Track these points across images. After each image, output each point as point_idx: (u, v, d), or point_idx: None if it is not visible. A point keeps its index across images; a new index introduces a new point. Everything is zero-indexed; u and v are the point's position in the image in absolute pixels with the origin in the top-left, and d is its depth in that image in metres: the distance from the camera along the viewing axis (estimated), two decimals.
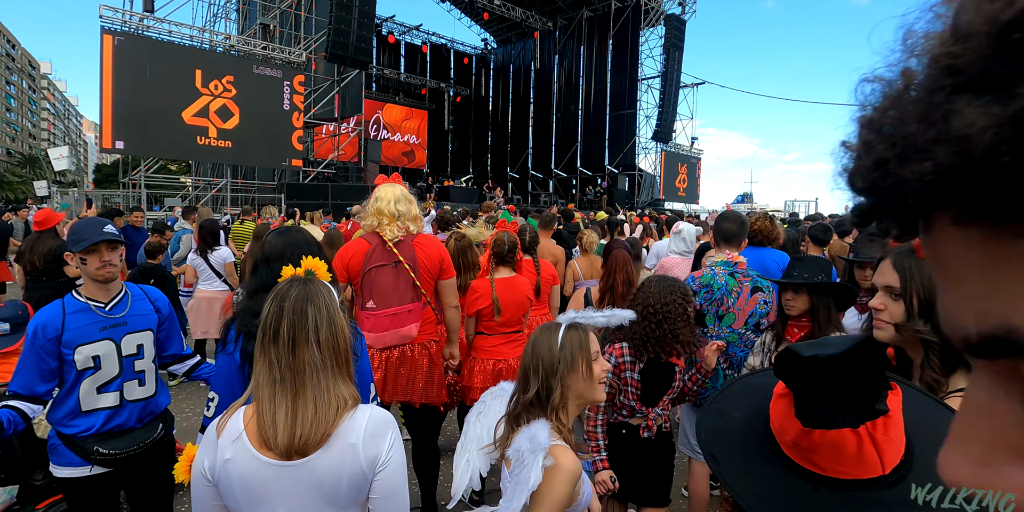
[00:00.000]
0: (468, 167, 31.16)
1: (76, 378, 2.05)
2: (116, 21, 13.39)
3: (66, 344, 2.01)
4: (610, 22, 24.23)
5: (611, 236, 5.44)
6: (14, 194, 45.88)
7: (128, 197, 15.86)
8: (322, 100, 17.33)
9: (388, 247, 2.71)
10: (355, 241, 2.82)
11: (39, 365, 1.99)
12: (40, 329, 2.01)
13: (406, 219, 2.76)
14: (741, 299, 2.73)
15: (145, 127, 13.49)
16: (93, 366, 2.06)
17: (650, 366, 2.30)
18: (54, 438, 2.08)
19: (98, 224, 2.08)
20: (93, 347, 2.06)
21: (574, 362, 1.49)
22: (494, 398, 1.69)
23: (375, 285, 2.67)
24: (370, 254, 2.71)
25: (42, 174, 48.71)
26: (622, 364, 2.28)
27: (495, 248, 3.14)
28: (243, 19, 20.13)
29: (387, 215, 2.73)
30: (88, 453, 2.06)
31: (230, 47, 15.68)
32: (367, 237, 2.78)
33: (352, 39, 15.34)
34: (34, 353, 1.99)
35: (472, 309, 3.09)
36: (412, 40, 28.17)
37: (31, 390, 2.00)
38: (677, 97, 24.46)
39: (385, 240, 2.71)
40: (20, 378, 2.00)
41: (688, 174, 26.86)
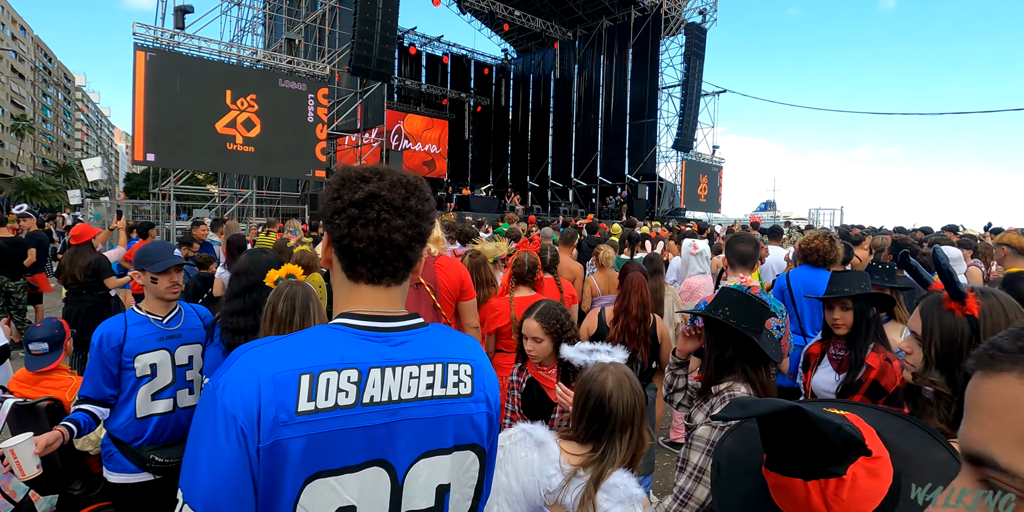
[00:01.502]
0: (488, 176, 31.36)
1: (135, 385, 2.25)
2: (148, 38, 13.85)
3: (127, 353, 2.22)
4: (630, 31, 24.29)
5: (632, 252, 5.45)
6: (48, 202, 47.37)
7: (158, 207, 16.31)
8: (345, 112, 17.65)
9: None
10: None
11: (104, 372, 2.21)
12: (104, 339, 2.21)
13: (428, 240, 2.83)
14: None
15: (175, 139, 13.88)
16: (150, 373, 2.27)
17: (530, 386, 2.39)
18: (110, 446, 2.28)
19: (169, 248, 2.34)
20: (151, 356, 2.27)
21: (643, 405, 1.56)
22: (514, 443, 1.55)
23: None
24: None
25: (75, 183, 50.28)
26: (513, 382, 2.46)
27: (515, 268, 3.19)
28: (269, 33, 20.64)
29: None
30: (144, 461, 2.25)
31: (256, 61, 16.08)
32: None
33: (375, 52, 15.63)
34: (99, 361, 2.20)
35: (491, 327, 3.14)
36: (433, 51, 28.57)
37: (101, 393, 2.21)
38: (698, 106, 24.37)
39: None
40: (89, 383, 2.22)
41: (709, 183, 26.67)
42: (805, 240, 3.43)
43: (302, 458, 0.86)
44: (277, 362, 0.89)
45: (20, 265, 6.62)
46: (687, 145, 24.48)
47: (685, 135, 24.08)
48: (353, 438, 0.90)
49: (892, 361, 2.27)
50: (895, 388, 2.20)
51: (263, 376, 0.87)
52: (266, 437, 0.84)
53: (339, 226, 0.97)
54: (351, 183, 0.98)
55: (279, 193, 18.89)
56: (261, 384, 0.86)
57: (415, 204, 0.99)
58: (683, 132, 23.99)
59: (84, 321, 4.98)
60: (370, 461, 0.92)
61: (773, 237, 5.76)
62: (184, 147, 14.08)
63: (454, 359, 1.02)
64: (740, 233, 3.23)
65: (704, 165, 26.47)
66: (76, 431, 2.11)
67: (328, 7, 17.06)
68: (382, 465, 0.93)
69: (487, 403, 1.05)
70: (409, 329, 1.00)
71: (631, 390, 1.57)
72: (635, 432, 1.56)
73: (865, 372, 2.26)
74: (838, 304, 2.39)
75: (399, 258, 0.98)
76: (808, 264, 3.38)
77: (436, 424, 0.98)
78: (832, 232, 3.67)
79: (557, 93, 28.83)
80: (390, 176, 1.00)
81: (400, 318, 1.00)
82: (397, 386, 0.94)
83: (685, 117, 23.86)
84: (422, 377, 0.97)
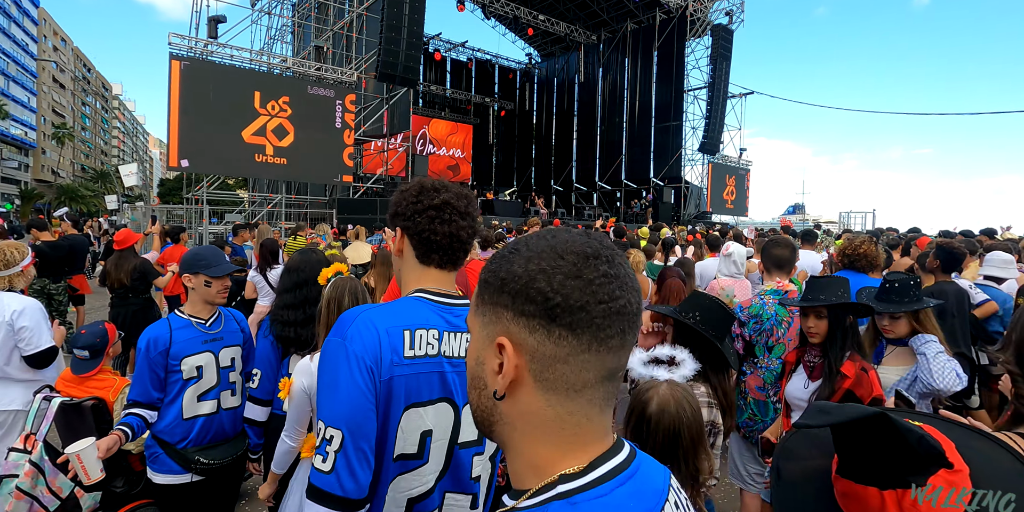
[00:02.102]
0: (512, 180, 31.42)
1: (181, 387, 2.31)
2: (183, 47, 14.24)
3: (173, 356, 2.29)
4: (655, 34, 24.13)
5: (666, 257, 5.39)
6: (87, 207, 48.97)
7: (190, 211, 16.73)
8: (372, 117, 17.88)
9: None
10: None
11: (151, 376, 2.28)
12: (152, 344, 2.28)
13: None
14: (792, 330, 2.68)
15: (208, 146, 14.23)
16: (196, 375, 2.33)
17: None
18: (155, 447, 2.32)
19: (220, 253, 2.42)
20: (197, 358, 2.34)
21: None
22: None
23: None
24: None
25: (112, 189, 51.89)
26: None
27: None
28: (298, 41, 21.05)
29: None
30: (189, 462, 2.30)
31: (286, 69, 16.41)
32: None
33: (401, 58, 15.82)
34: (147, 365, 2.27)
35: None
36: (458, 56, 28.78)
37: (149, 397, 2.29)
38: (724, 108, 24.05)
39: None
40: (138, 387, 2.29)
41: (736, 186, 26.28)
42: (851, 245, 3.35)
43: (404, 391, 1.19)
44: (388, 319, 1.20)
45: (61, 267, 6.84)
46: (713, 148, 24.17)
47: (711, 138, 23.78)
48: (433, 379, 1.23)
49: (868, 370, 2.17)
50: (872, 399, 2.11)
51: (380, 329, 1.18)
52: (386, 373, 1.17)
53: (420, 223, 1.30)
54: (428, 192, 1.32)
55: (307, 198, 19.21)
56: (380, 335, 1.17)
57: (472, 210, 1.35)
58: (709, 135, 23.69)
59: (131, 324, 5.14)
60: (442, 398, 1.25)
61: (807, 241, 5.64)
62: (217, 153, 14.43)
63: None
64: (776, 237, 3.18)
65: (731, 168, 26.10)
66: (130, 435, 2.19)
67: (355, 15, 17.34)
68: (448, 402, 1.26)
69: None
70: (464, 306, 1.34)
71: (675, 416, 1.41)
72: (685, 465, 1.40)
73: (840, 381, 2.18)
74: (812, 312, 2.32)
75: (462, 249, 1.34)
76: (852, 269, 3.30)
77: None
78: (874, 237, 3.59)
79: (581, 97, 28.77)
80: (455, 188, 1.35)
81: (458, 297, 1.34)
82: (458, 346, 1.28)
83: (711, 119, 23.57)
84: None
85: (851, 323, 2.27)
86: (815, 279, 2.36)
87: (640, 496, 0.62)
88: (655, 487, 0.66)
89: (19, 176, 56.41)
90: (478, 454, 1.32)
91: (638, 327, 0.63)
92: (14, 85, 55.52)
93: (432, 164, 25.36)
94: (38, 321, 2.77)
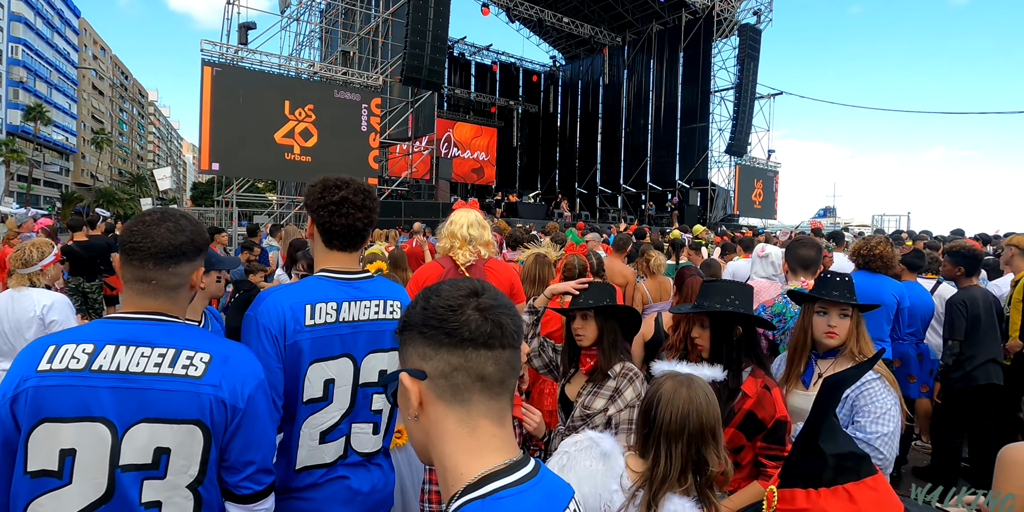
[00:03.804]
0: (536, 183, 31.40)
1: None
2: (215, 54, 14.59)
3: None
4: (681, 35, 23.90)
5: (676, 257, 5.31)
6: (123, 210, 50.50)
7: (221, 213, 17.11)
8: (397, 121, 18.07)
9: (460, 271, 2.79)
10: (430, 264, 2.92)
11: None
12: None
13: (478, 244, 2.84)
14: None
15: (237, 149, 14.53)
16: None
17: None
18: None
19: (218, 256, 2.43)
20: None
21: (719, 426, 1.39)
22: (579, 450, 1.53)
23: None
24: (443, 277, 2.80)
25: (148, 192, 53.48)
26: None
27: (566, 272, 3.16)
28: (325, 46, 21.40)
29: (460, 239, 2.82)
30: None
31: (314, 74, 16.69)
32: (441, 260, 2.87)
33: (425, 62, 15.96)
34: None
35: (543, 331, 3.11)
36: (482, 60, 28.93)
37: None
38: (752, 109, 23.65)
39: (458, 264, 2.80)
40: None
41: (764, 188, 25.79)
42: (867, 246, 3.26)
43: (308, 351, 1.56)
44: (293, 297, 1.57)
45: (96, 266, 7.05)
46: (741, 149, 23.78)
47: (738, 139, 23.39)
48: (333, 341, 1.60)
49: (771, 388, 1.88)
50: (775, 421, 1.82)
51: (285, 305, 1.55)
52: (290, 339, 1.54)
53: (323, 216, 1.63)
54: (330, 189, 1.63)
55: None
56: (284, 310, 1.54)
57: (369, 204, 1.67)
58: (736, 136, 23.32)
59: None
60: (342, 354, 1.63)
61: (836, 243, 5.50)
62: (246, 157, 14.73)
63: (390, 298, 1.74)
64: (803, 237, 3.10)
65: (759, 170, 25.63)
66: None
67: (381, 20, 17.56)
68: (348, 357, 1.64)
69: None
70: (362, 279, 1.71)
71: (687, 399, 1.38)
72: (688, 448, 1.36)
73: (740, 401, 1.85)
74: (696, 320, 2.03)
75: (359, 236, 1.68)
76: (868, 270, 3.21)
77: (379, 334, 1.69)
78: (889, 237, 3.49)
79: (606, 99, 28.63)
80: (354, 185, 1.66)
81: (357, 272, 1.71)
82: (358, 312, 1.66)
83: (738, 121, 23.20)
84: (371, 308, 1.69)
85: (743, 335, 1.97)
86: (707, 283, 2.08)
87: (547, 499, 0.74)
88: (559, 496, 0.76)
89: (60, 180, 58.52)
90: (377, 392, 1.69)
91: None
92: (56, 92, 57.67)
93: (457, 167, 25.51)
94: (67, 315, 2.85)
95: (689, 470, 1.37)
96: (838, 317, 2.04)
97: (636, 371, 2.11)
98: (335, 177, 1.66)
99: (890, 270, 3.26)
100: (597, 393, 2.09)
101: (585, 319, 2.14)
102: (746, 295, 1.97)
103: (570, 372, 2.24)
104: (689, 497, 1.35)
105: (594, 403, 2.06)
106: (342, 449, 1.64)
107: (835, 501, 0.89)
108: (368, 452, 1.69)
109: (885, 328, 3.55)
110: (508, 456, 0.74)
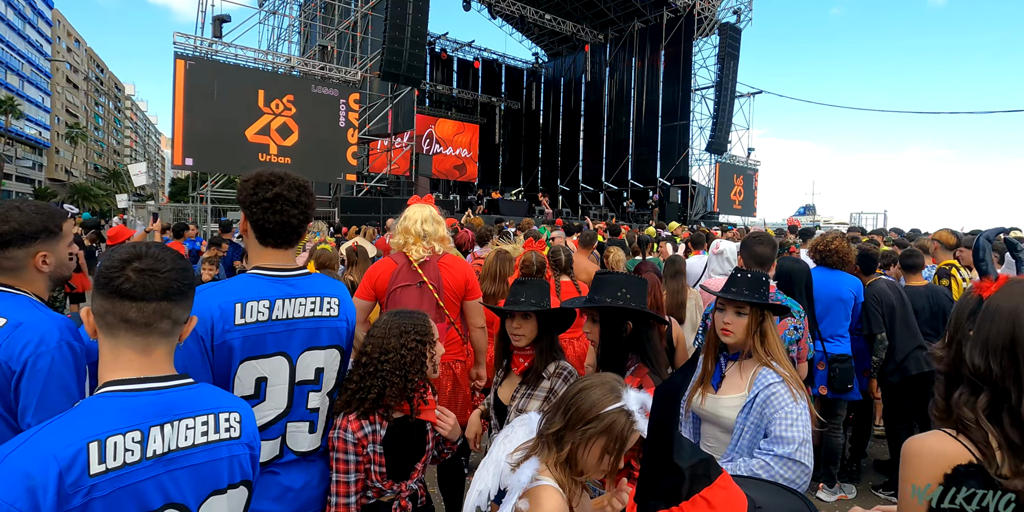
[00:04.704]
0: (519, 180, 31.36)
1: None
2: (188, 46, 14.33)
3: None
4: (662, 33, 24.00)
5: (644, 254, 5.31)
6: (99, 206, 49.52)
7: (197, 209, 16.83)
8: (376, 116, 17.91)
9: (413, 267, 2.75)
10: (383, 260, 2.88)
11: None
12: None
13: (432, 239, 2.80)
14: None
15: (212, 145, 14.30)
16: None
17: (394, 431, 1.74)
18: None
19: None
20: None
21: (601, 442, 1.30)
22: (522, 424, 1.60)
23: (399, 305, 2.70)
24: (396, 274, 2.75)
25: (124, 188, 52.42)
26: (363, 439, 1.69)
27: (524, 269, 3.13)
28: (304, 41, 21.12)
29: (413, 234, 2.77)
30: None
31: (291, 68, 16.47)
32: (395, 257, 2.83)
33: (405, 57, 15.82)
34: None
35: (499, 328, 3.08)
36: (464, 56, 28.77)
37: None
38: (732, 107, 23.87)
39: (411, 260, 2.75)
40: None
41: (744, 186, 26.07)
42: (823, 241, 3.28)
43: (239, 349, 1.52)
44: (223, 296, 1.53)
45: None
46: (721, 147, 23.99)
47: (718, 137, 23.60)
48: (265, 339, 1.57)
49: (645, 389, 1.67)
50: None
51: (214, 305, 1.50)
52: (218, 338, 1.50)
53: (256, 213, 1.59)
54: (263, 185, 1.58)
55: None
56: (213, 310, 1.48)
57: (304, 199, 1.62)
58: (716, 134, 23.52)
59: None
60: (276, 352, 1.59)
61: (804, 240, 5.54)
62: (220, 152, 14.49)
63: (328, 295, 1.71)
64: (758, 233, 3.10)
65: (739, 168, 25.89)
66: None
67: (360, 14, 17.36)
68: (283, 355, 1.60)
69: (348, 322, 1.76)
70: (298, 276, 1.67)
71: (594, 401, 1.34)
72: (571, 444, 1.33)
73: None
74: (587, 314, 1.95)
75: (294, 233, 1.64)
76: (824, 266, 3.22)
77: (315, 332, 1.66)
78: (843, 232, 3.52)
79: (588, 96, 28.67)
80: (289, 180, 1.61)
81: (293, 269, 1.67)
82: (293, 309, 1.62)
83: (719, 119, 23.39)
84: (307, 305, 1.65)
85: (634, 330, 1.88)
86: (599, 275, 1.98)
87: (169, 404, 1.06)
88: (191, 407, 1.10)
89: (33, 175, 57.16)
90: (314, 391, 1.67)
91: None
92: (28, 85, 56.27)
93: (439, 164, 25.37)
94: None
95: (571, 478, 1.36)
96: (733, 314, 1.95)
97: (571, 369, 2.07)
98: (269, 172, 1.61)
99: (847, 266, 3.29)
100: (532, 395, 2.03)
101: (526, 318, 2.06)
102: (639, 289, 1.89)
103: (500, 374, 2.16)
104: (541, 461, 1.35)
105: (528, 405, 2.00)
106: (277, 448, 1.62)
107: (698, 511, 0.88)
108: (304, 451, 1.66)
109: (844, 324, 3.59)
110: (142, 374, 1.05)
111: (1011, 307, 1.04)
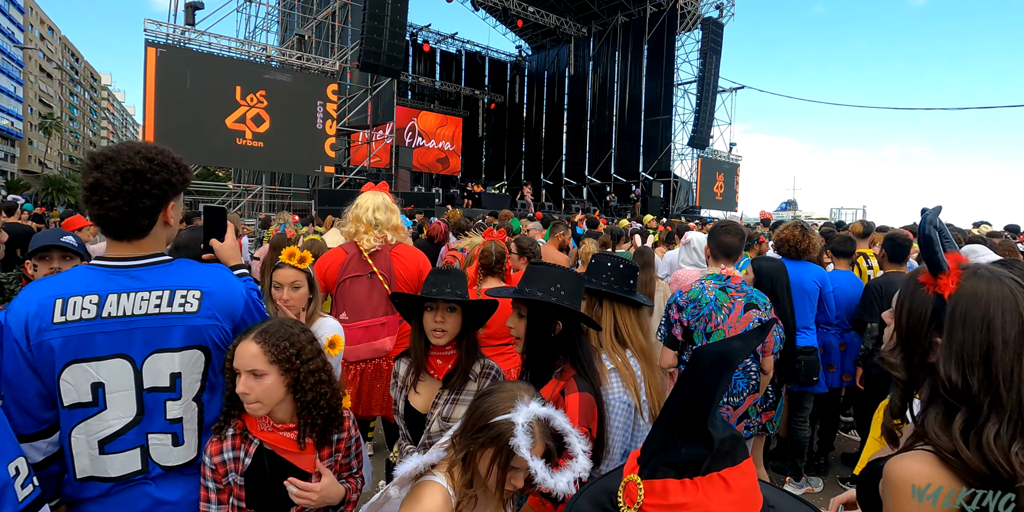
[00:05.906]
0: (502, 174, 31.20)
1: None
2: (160, 34, 13.94)
3: None
4: (645, 27, 23.92)
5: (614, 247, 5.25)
6: (74, 198, 48.40)
7: None
8: (355, 108, 17.63)
9: (364, 257, 2.63)
10: (334, 250, 2.76)
11: None
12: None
13: (384, 228, 2.69)
14: (732, 316, 2.53)
15: (185, 134, 13.95)
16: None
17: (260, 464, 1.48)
18: None
19: (56, 234, 2.13)
20: None
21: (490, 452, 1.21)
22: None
23: (348, 296, 2.60)
24: (346, 264, 2.64)
25: None
26: (220, 465, 1.47)
27: (483, 259, 3.02)
28: (283, 31, 20.71)
29: (364, 223, 2.66)
30: None
31: (267, 57, 16.12)
32: (346, 246, 2.71)
33: (384, 48, 15.56)
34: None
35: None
36: (447, 48, 28.47)
37: None
38: (714, 102, 23.92)
39: (362, 250, 2.64)
40: None
41: (726, 181, 26.18)
42: (776, 231, 3.24)
43: (61, 351, 1.34)
44: (45, 291, 1.36)
45: (13, 256, 6.66)
46: (703, 142, 24.04)
47: (701, 132, 23.64)
48: (96, 339, 1.37)
49: (567, 394, 1.58)
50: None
51: (33, 301, 1.35)
52: (34, 339, 1.33)
53: (83, 202, 1.41)
54: (88, 171, 1.36)
55: (290, 189, 18.95)
56: (30, 307, 1.34)
57: (128, 188, 1.34)
58: (699, 129, 23.55)
59: None
60: (114, 354, 1.38)
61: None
62: (194, 142, 14.15)
63: (185, 287, 1.44)
64: (726, 223, 3.03)
65: (721, 163, 25.99)
66: None
67: (339, 4, 17.04)
68: (124, 358, 1.39)
69: (216, 318, 1.48)
70: (147, 266, 1.44)
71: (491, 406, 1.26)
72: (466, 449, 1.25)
73: None
74: (515, 308, 1.76)
75: (126, 227, 1.39)
76: (788, 258, 3.17)
77: (163, 331, 1.42)
78: (804, 222, 3.46)
79: (571, 90, 28.54)
80: (118, 163, 1.34)
81: (139, 258, 1.43)
82: (130, 305, 1.39)
83: (701, 114, 23.42)
84: (151, 300, 1.41)
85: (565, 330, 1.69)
86: (532, 265, 1.78)
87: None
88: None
89: (5, 166, 55.73)
90: (171, 399, 1.45)
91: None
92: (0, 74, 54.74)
93: (421, 157, 25.09)
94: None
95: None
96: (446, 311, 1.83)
97: (497, 368, 1.91)
98: (101, 151, 1.37)
99: (804, 255, 3.24)
100: (457, 400, 1.82)
101: (452, 311, 1.82)
102: (575, 285, 1.67)
103: (411, 380, 1.88)
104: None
105: (455, 412, 1.79)
106: (138, 462, 1.42)
107: (713, 491, 0.76)
108: (174, 465, 1.46)
109: (809, 315, 3.54)
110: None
111: (983, 311, 0.94)
